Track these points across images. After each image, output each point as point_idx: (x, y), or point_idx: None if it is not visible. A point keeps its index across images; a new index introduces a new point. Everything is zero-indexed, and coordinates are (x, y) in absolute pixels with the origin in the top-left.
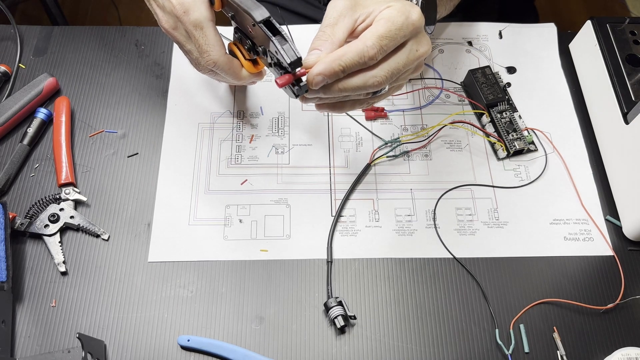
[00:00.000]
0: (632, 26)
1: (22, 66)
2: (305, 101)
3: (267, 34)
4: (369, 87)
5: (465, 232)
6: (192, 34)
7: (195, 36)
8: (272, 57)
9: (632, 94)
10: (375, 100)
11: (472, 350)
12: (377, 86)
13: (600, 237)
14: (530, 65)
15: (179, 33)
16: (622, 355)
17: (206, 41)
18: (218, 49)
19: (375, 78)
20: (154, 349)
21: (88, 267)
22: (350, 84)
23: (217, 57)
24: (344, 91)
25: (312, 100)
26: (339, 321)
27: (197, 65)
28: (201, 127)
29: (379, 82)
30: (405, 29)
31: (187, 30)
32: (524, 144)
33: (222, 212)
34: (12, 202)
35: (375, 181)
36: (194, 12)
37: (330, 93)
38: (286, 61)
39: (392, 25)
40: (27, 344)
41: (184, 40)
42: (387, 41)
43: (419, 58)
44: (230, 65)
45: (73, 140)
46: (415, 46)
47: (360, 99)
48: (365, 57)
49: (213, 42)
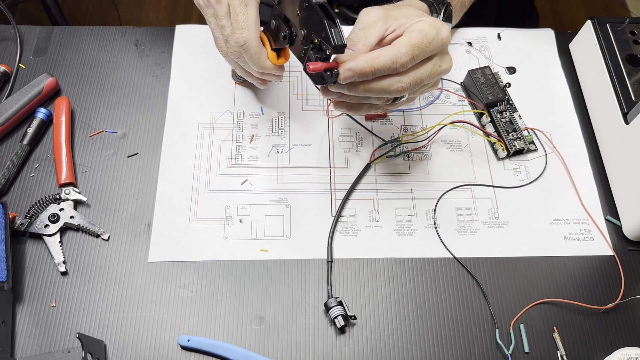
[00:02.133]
0: (632, 26)
1: (22, 66)
2: (327, 94)
3: (320, 15)
4: (392, 92)
5: (466, 232)
6: (235, 9)
7: (237, 11)
8: (312, 42)
9: (632, 94)
10: (391, 108)
11: (472, 350)
12: (400, 92)
13: (601, 237)
14: (530, 65)
15: (220, 7)
16: (622, 355)
17: (246, 19)
18: (254, 29)
19: (400, 84)
20: (154, 349)
21: (88, 267)
22: (375, 86)
23: (250, 37)
24: (367, 92)
25: (333, 95)
26: (339, 321)
27: (225, 44)
28: (201, 127)
29: (402, 89)
30: (435, 44)
31: (231, 4)
32: (524, 144)
33: (222, 212)
34: (12, 202)
35: (376, 181)
36: None
37: (354, 91)
38: (333, 43)
39: (424, 38)
40: (27, 344)
41: (222, 14)
42: (419, 52)
43: (441, 74)
44: (257, 50)
45: (73, 140)
46: (439, 62)
47: (378, 103)
48: (397, 63)
49: (252, 21)
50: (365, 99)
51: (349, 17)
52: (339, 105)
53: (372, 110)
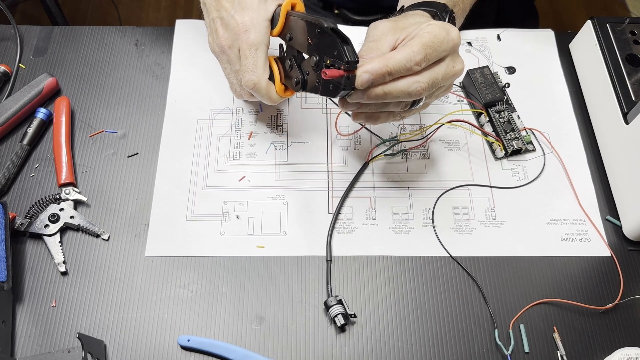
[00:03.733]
0: (632, 26)
1: (22, 66)
2: (346, 106)
3: (332, 36)
4: (411, 92)
5: (462, 231)
6: (245, 53)
7: (247, 55)
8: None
9: (632, 94)
10: (407, 115)
11: (472, 350)
12: (418, 93)
13: (598, 237)
14: (530, 65)
15: (232, 52)
16: (622, 355)
17: (255, 62)
18: (262, 71)
19: (418, 84)
20: (154, 349)
21: (88, 267)
22: (394, 88)
23: (259, 79)
24: (387, 96)
25: (352, 106)
26: (339, 320)
27: (238, 86)
28: (200, 124)
29: (421, 89)
30: (446, 44)
31: (241, 48)
32: (521, 144)
33: (219, 208)
34: (12, 202)
35: (373, 179)
36: (254, 32)
37: (373, 97)
38: (346, 58)
39: (435, 38)
40: (27, 344)
41: (235, 59)
42: (431, 50)
43: (454, 75)
44: (267, 90)
45: (73, 140)
46: (452, 63)
47: (396, 111)
48: (412, 61)
49: (261, 64)
50: (383, 107)
51: (349, 18)
52: (357, 117)
53: (390, 118)
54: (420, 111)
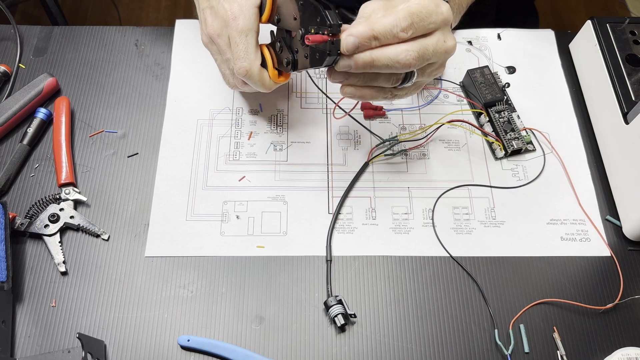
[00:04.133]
0: (632, 26)
1: (22, 66)
2: (334, 77)
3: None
4: (400, 61)
5: (462, 231)
6: (235, 40)
7: (237, 42)
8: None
9: (632, 94)
10: (400, 94)
11: (472, 350)
12: (408, 63)
13: (598, 237)
14: (530, 65)
15: (222, 40)
16: (622, 355)
17: (247, 48)
18: (254, 58)
19: (407, 52)
20: (154, 349)
21: (88, 267)
22: (382, 54)
23: (251, 65)
24: (375, 62)
25: (340, 77)
26: (339, 319)
27: (232, 78)
28: (200, 123)
29: (411, 57)
30: (435, 16)
31: (231, 36)
32: (521, 144)
33: (219, 208)
34: (12, 202)
35: (373, 179)
36: (243, 19)
37: (361, 65)
38: (329, 22)
39: (424, 9)
40: (27, 344)
41: (225, 47)
42: (418, 20)
43: (446, 52)
44: (260, 76)
45: (73, 140)
46: (443, 37)
47: (386, 86)
48: (398, 27)
49: (252, 50)
50: (373, 80)
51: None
52: (347, 91)
53: (380, 96)
54: (414, 92)
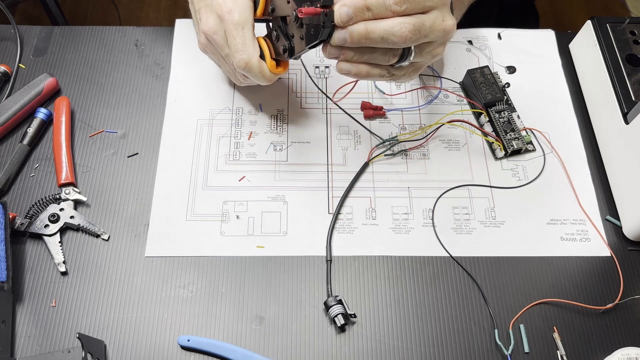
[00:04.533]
0: (632, 26)
1: (22, 66)
2: (329, 52)
3: None
4: (395, 33)
5: (462, 231)
6: (231, 33)
7: (234, 35)
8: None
9: (632, 94)
10: (398, 74)
11: (472, 350)
12: (404, 36)
13: (598, 237)
14: (530, 65)
15: (218, 36)
16: (622, 355)
17: (244, 41)
18: (252, 50)
19: (403, 25)
20: (154, 349)
21: (88, 267)
22: (377, 26)
23: (250, 57)
24: (370, 35)
25: (335, 52)
26: (339, 319)
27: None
28: (200, 123)
29: (407, 30)
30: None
31: (227, 30)
32: (521, 144)
33: (219, 208)
34: (12, 202)
35: (373, 179)
36: (238, 11)
37: (356, 37)
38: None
39: None
40: (27, 344)
41: (222, 42)
42: None
43: (445, 30)
44: (259, 67)
45: (73, 140)
46: (441, 16)
47: (383, 64)
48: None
49: (250, 42)
50: (370, 56)
51: None
52: (342, 67)
53: (377, 73)
54: (412, 76)
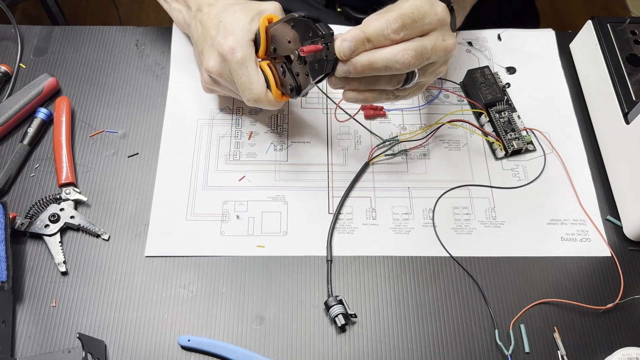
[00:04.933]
0: (632, 26)
1: (22, 66)
2: (335, 84)
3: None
4: (398, 61)
5: (462, 231)
6: (237, 73)
7: (239, 74)
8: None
9: (632, 94)
10: (403, 95)
11: (472, 350)
12: (407, 63)
13: (598, 237)
14: (530, 65)
15: (225, 76)
16: (623, 355)
17: (249, 79)
18: (258, 85)
19: (405, 51)
20: (154, 349)
21: (88, 267)
22: (380, 56)
23: (258, 94)
24: (373, 65)
25: (340, 83)
26: (340, 320)
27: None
28: (200, 123)
29: (409, 57)
30: (429, 18)
31: (232, 69)
32: (522, 144)
33: (219, 208)
34: (12, 202)
35: (373, 179)
36: (240, 50)
37: (360, 68)
38: (321, 33)
39: (416, 10)
40: (27, 344)
41: (229, 81)
42: (410, 21)
43: (446, 50)
44: (267, 99)
45: (73, 140)
46: (442, 36)
47: (389, 88)
48: (389, 28)
49: (255, 79)
50: (374, 83)
51: (352, 16)
52: (349, 96)
53: (383, 98)
54: (417, 93)
